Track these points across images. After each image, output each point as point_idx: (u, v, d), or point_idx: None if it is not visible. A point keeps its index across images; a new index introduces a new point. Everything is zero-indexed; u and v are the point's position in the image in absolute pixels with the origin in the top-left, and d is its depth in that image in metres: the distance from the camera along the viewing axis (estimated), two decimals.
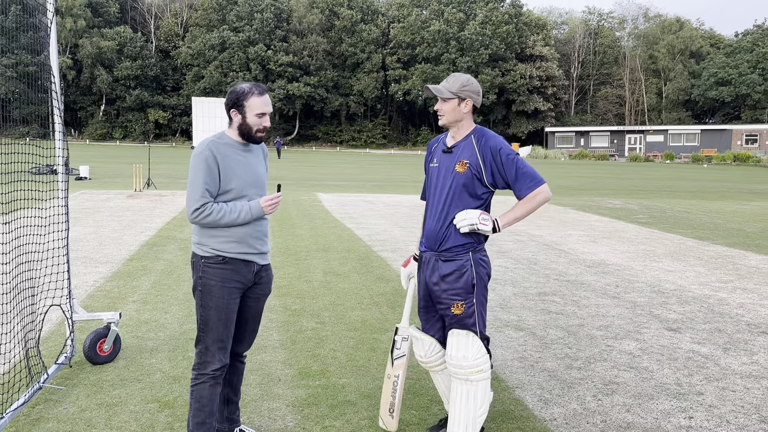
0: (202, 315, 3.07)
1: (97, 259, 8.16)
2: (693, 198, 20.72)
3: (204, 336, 3.08)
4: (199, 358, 3.10)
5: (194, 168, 2.99)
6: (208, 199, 2.98)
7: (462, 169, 3.19)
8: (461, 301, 3.20)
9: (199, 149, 3.01)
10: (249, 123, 3.06)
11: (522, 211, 3.17)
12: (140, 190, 17.99)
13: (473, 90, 3.23)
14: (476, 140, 3.23)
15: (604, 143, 69.02)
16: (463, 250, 3.21)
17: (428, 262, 3.29)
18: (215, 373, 3.08)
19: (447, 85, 3.22)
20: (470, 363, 3.17)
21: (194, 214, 2.98)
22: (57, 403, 3.76)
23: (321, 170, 33.60)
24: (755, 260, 9.25)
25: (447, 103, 3.22)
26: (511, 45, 73.27)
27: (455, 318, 3.22)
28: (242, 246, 3.08)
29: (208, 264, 3.05)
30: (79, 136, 74.05)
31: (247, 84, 3.09)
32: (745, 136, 62.62)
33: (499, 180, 3.20)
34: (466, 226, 3.13)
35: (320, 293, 6.66)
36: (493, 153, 3.17)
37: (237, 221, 3.02)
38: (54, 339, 4.96)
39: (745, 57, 71.36)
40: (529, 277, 7.69)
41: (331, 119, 78.97)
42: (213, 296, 3.05)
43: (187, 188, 3.02)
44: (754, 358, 4.90)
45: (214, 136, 3.12)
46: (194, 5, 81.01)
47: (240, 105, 3.05)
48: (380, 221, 12.74)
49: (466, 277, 3.19)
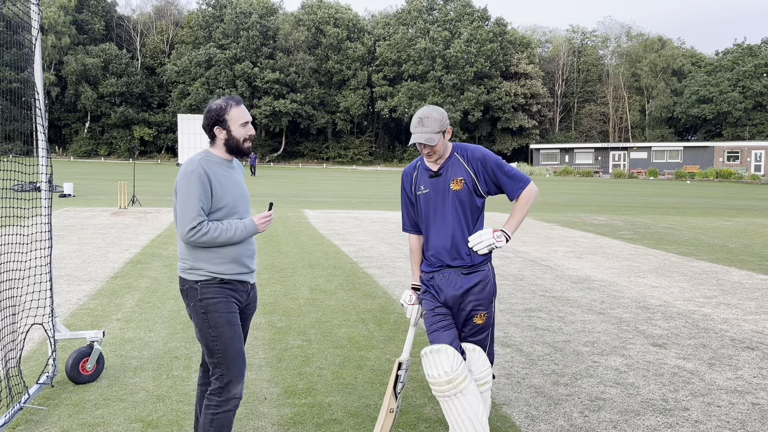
0: (214, 336, 2.95)
1: (81, 276, 8.07)
2: (677, 214, 20.91)
3: (224, 357, 2.95)
4: (220, 382, 2.96)
5: (187, 186, 2.92)
6: (204, 217, 2.92)
7: (458, 186, 3.26)
8: (484, 311, 3.30)
9: (190, 167, 2.95)
10: (235, 135, 3.05)
11: (522, 213, 3.30)
12: (125, 207, 17.86)
13: (446, 118, 3.28)
14: (461, 156, 3.31)
15: (589, 160, 69.57)
16: (484, 261, 3.32)
17: (448, 278, 3.30)
18: (239, 398, 2.99)
19: (429, 129, 3.20)
20: (476, 377, 3.26)
21: (190, 233, 2.90)
22: (38, 424, 3.70)
23: (307, 187, 33.57)
24: (738, 275, 9.32)
25: (437, 145, 3.24)
26: (496, 63, 73.90)
27: (476, 328, 3.30)
28: (238, 266, 3.05)
29: (206, 285, 2.98)
30: (63, 153, 73.50)
31: (220, 99, 3.07)
32: (726, 153, 63.40)
33: (491, 187, 3.32)
34: (485, 248, 3.20)
35: (306, 310, 6.62)
36: (483, 163, 3.28)
37: (233, 239, 2.98)
38: (36, 358, 4.89)
39: (726, 75, 72.43)
40: (515, 293, 7.70)
41: (317, 136, 78.99)
42: (221, 313, 2.97)
43: (178, 207, 2.94)
44: (738, 373, 4.92)
45: (200, 154, 3.07)
46: (180, 23, 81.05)
47: (222, 120, 3.03)
48: (367, 238, 12.73)
49: (489, 287, 3.31)
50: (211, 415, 2.95)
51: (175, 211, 3.01)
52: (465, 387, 3.11)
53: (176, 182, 2.99)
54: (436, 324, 3.28)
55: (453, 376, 3.09)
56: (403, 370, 3.35)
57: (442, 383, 3.10)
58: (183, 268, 3.03)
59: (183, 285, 3.05)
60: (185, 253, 3.02)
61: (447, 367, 3.09)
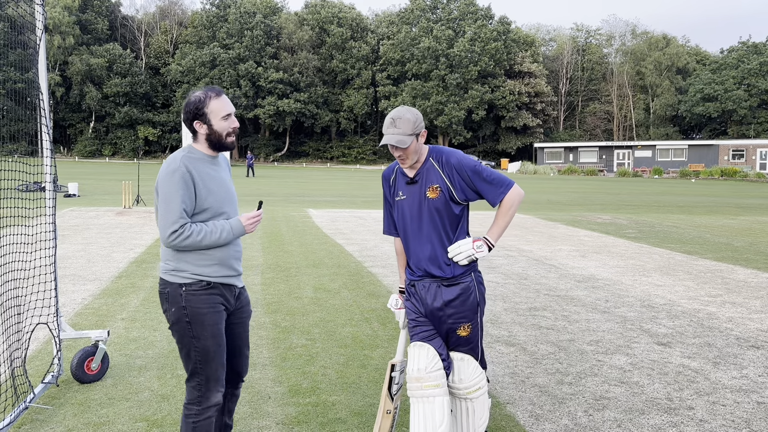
0: (197, 347, 2.83)
1: (86, 276, 8.09)
2: (681, 213, 20.85)
3: (203, 368, 2.84)
4: (198, 392, 2.86)
5: (169, 186, 2.74)
6: (186, 219, 2.75)
7: (434, 194, 3.11)
8: (468, 323, 3.15)
9: (172, 166, 2.77)
10: (217, 129, 2.86)
11: (506, 220, 3.13)
12: (129, 207, 17.90)
13: (421, 120, 3.10)
14: (436, 161, 3.14)
15: (593, 159, 69.45)
16: (465, 272, 3.15)
17: (428, 288, 3.16)
18: (218, 405, 2.90)
19: (402, 131, 3.01)
20: (466, 385, 3.14)
21: (171, 237, 2.72)
22: (43, 423, 3.71)
23: (311, 186, 33.59)
24: (743, 274, 9.30)
25: (409, 147, 3.04)
26: (500, 61, 73.82)
27: (460, 340, 3.17)
28: (225, 269, 2.89)
29: (191, 291, 2.81)
30: (68, 153, 73.72)
31: (199, 91, 2.86)
32: (731, 151, 63.21)
33: (470, 194, 3.13)
34: (465, 259, 3.07)
35: (310, 310, 6.63)
36: (458, 170, 3.10)
37: (219, 242, 2.81)
38: (41, 358, 4.91)
39: (731, 73, 72.21)
40: (520, 293, 7.69)
41: (321, 135, 79.07)
42: (206, 324, 2.82)
43: (159, 209, 2.76)
44: (743, 372, 4.91)
45: (183, 150, 2.88)
46: (184, 22, 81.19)
47: (201, 114, 2.83)
48: (371, 237, 12.73)
49: (472, 299, 3.14)
50: (192, 423, 2.86)
51: (157, 211, 2.84)
52: (433, 394, 3.01)
53: (157, 181, 2.81)
54: (420, 334, 3.18)
55: (423, 376, 3.01)
56: (397, 371, 3.28)
57: (411, 379, 3.04)
58: (165, 270, 2.86)
59: (164, 287, 2.86)
60: (168, 254, 2.85)
61: (421, 364, 3.04)
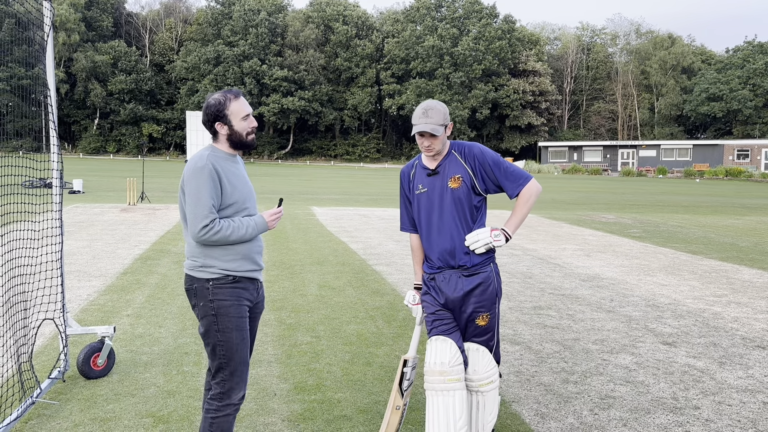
0: (222, 340, 2.91)
1: (91, 272, 8.11)
2: (686, 212, 20.81)
3: (228, 362, 2.92)
4: (222, 387, 2.93)
5: (197, 183, 2.84)
6: (215, 215, 2.85)
7: (456, 184, 3.20)
8: (486, 312, 3.23)
9: (199, 163, 2.88)
10: (238, 130, 2.98)
11: (523, 212, 3.21)
12: (134, 203, 17.93)
13: (448, 113, 3.24)
14: (459, 153, 3.26)
15: (597, 158, 69.30)
16: (485, 262, 3.24)
17: (448, 279, 3.23)
18: (241, 401, 2.96)
19: (434, 121, 3.14)
20: (480, 376, 3.19)
21: (202, 232, 2.82)
22: (50, 418, 3.72)
23: (315, 184, 33.61)
24: (749, 274, 9.27)
25: (438, 138, 3.17)
26: (505, 60, 73.70)
27: (478, 329, 3.23)
28: (249, 263, 2.99)
29: (218, 286, 2.91)
30: (72, 150, 73.86)
31: (218, 94, 2.98)
32: (736, 151, 63.02)
33: (490, 185, 3.24)
34: (482, 247, 3.14)
35: (315, 307, 6.64)
36: (480, 161, 3.22)
37: (245, 237, 2.92)
38: (47, 353, 4.92)
39: (736, 73, 71.98)
40: (525, 291, 7.69)
41: (325, 133, 79.05)
42: (231, 317, 2.92)
43: (188, 205, 2.86)
44: (749, 372, 4.90)
45: (207, 149, 3.00)
46: (189, 20, 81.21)
47: (222, 116, 2.95)
48: (375, 235, 12.73)
49: (491, 288, 3.23)
50: (210, 419, 2.91)
51: (182, 208, 2.92)
52: (455, 388, 3.07)
53: (183, 179, 2.90)
54: (438, 329, 3.23)
55: (446, 370, 3.07)
56: (409, 367, 3.32)
57: (434, 372, 3.09)
58: (192, 266, 2.95)
59: (191, 283, 2.96)
60: (195, 251, 2.93)
61: (445, 358, 3.10)
